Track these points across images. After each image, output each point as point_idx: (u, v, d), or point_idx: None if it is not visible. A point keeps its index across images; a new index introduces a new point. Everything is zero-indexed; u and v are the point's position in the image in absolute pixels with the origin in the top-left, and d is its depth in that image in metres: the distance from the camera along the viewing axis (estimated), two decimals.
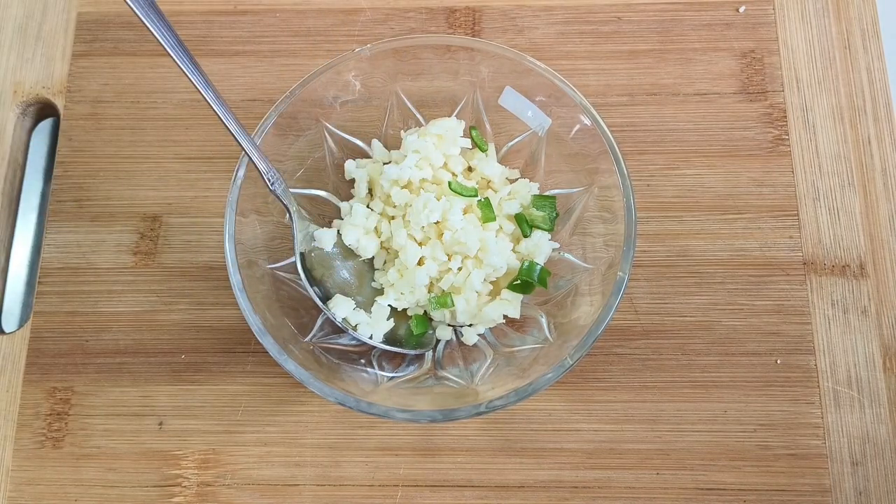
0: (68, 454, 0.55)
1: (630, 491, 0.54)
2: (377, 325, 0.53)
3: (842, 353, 0.56)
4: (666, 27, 0.64)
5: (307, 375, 0.47)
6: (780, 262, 0.58)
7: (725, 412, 0.55)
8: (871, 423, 0.55)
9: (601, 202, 0.53)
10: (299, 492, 0.54)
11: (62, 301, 0.59)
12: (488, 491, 0.54)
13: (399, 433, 0.55)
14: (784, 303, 0.57)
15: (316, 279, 0.53)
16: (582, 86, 0.60)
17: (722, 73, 0.63)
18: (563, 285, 0.54)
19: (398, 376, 0.53)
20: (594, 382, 0.56)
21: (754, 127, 0.61)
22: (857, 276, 0.58)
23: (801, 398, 0.55)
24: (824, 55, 0.63)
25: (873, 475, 0.54)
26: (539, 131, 0.56)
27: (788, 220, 0.59)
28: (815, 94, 0.62)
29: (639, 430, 0.55)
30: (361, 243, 0.54)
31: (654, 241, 0.59)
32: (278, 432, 0.55)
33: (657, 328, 0.57)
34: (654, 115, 0.62)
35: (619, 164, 0.51)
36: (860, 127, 0.61)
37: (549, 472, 0.54)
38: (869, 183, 0.60)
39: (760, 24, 0.64)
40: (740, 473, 0.54)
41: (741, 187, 0.60)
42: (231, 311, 0.58)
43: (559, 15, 0.65)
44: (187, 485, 0.55)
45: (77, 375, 0.57)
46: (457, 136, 0.55)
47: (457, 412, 0.47)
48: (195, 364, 0.57)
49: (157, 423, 0.56)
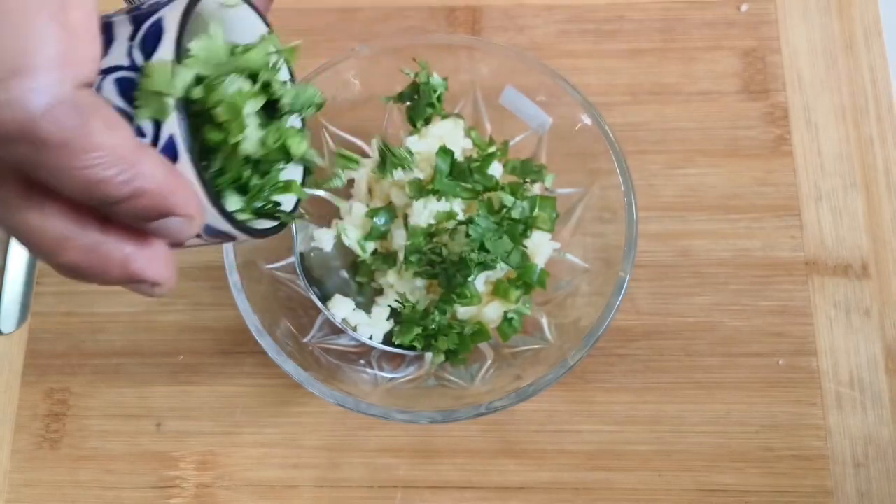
0: (66, 456, 0.55)
1: (632, 492, 0.53)
2: (377, 326, 0.52)
3: (844, 354, 0.56)
4: (668, 26, 0.64)
5: (306, 376, 0.46)
6: (783, 262, 0.58)
7: (728, 413, 0.55)
8: (874, 424, 0.54)
9: (602, 202, 0.53)
10: (298, 493, 0.54)
11: (60, 302, 0.59)
12: (488, 492, 0.54)
13: (399, 434, 0.55)
14: (787, 303, 0.57)
15: (315, 279, 0.53)
16: (583, 85, 0.59)
17: (724, 72, 0.62)
18: (564, 286, 0.54)
19: (398, 377, 0.53)
20: (595, 383, 0.56)
21: (756, 126, 0.61)
22: (859, 276, 0.57)
23: (804, 399, 0.55)
24: (826, 54, 0.63)
25: (875, 477, 0.53)
26: (540, 131, 0.55)
27: (791, 220, 0.59)
28: (817, 93, 0.62)
29: (640, 431, 0.55)
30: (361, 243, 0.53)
31: (655, 241, 0.59)
32: (277, 433, 0.55)
33: (659, 329, 0.57)
34: (656, 114, 0.62)
35: (621, 163, 0.50)
36: (863, 126, 0.61)
37: (549, 473, 0.54)
38: (871, 183, 0.60)
39: (762, 22, 0.64)
40: (742, 475, 0.53)
41: (743, 187, 0.60)
42: (230, 311, 0.57)
43: (560, 14, 0.65)
44: (185, 486, 0.54)
45: (74, 377, 0.57)
46: (457, 137, 0.54)
47: (457, 413, 0.46)
48: (193, 365, 0.57)
49: (155, 425, 0.56)
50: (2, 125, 0.24)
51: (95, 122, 0.26)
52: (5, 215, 0.27)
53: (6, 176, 0.27)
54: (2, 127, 0.24)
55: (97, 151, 0.25)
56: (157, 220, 0.28)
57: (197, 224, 0.29)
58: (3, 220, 0.28)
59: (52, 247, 0.28)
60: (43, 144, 0.25)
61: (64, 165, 0.25)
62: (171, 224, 0.28)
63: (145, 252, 0.29)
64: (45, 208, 0.27)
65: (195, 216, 0.29)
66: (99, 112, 0.26)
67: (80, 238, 0.28)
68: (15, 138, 0.25)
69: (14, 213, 0.27)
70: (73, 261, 0.28)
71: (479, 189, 0.51)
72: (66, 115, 0.25)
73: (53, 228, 0.27)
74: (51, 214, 0.27)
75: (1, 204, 0.27)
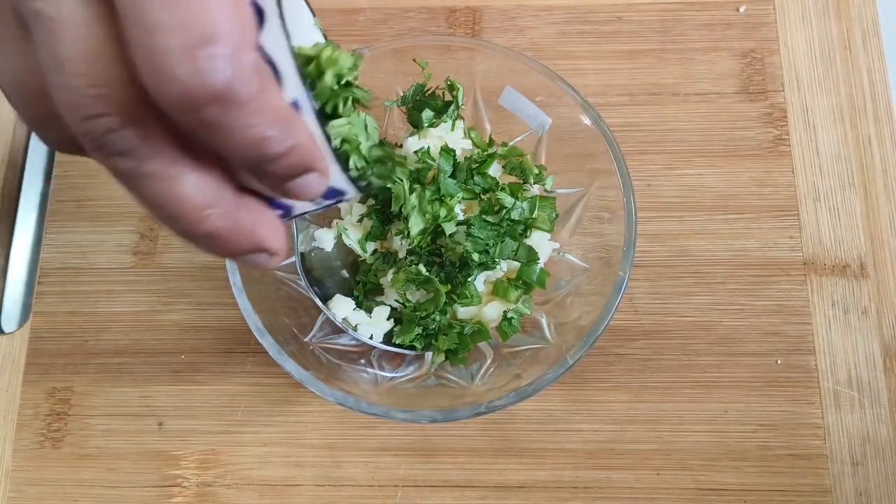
0: (68, 454, 0.55)
1: (630, 491, 0.54)
2: (377, 326, 0.52)
3: (842, 353, 0.56)
4: (666, 27, 0.64)
5: (307, 375, 0.47)
6: (781, 262, 0.58)
7: (726, 412, 0.55)
8: (872, 423, 0.55)
9: (601, 202, 0.53)
10: (299, 492, 0.54)
11: (62, 301, 0.59)
12: (488, 491, 0.54)
13: (399, 433, 0.55)
14: (784, 303, 0.57)
15: (316, 279, 0.53)
16: (582, 85, 0.59)
17: (722, 73, 0.63)
18: (564, 285, 0.54)
19: (398, 376, 0.53)
20: (594, 382, 0.56)
21: (755, 127, 0.61)
22: (857, 276, 0.58)
23: (802, 398, 0.55)
24: (825, 55, 0.63)
25: (874, 475, 0.54)
26: (539, 131, 0.55)
27: (789, 220, 0.59)
28: (815, 93, 0.62)
29: (639, 430, 0.55)
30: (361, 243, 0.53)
31: (654, 240, 0.59)
32: (278, 432, 0.55)
33: (657, 328, 0.57)
34: (655, 114, 0.62)
35: (620, 163, 0.51)
36: (861, 127, 0.61)
37: (549, 472, 0.54)
38: (869, 183, 0.60)
39: (761, 23, 0.64)
40: (741, 474, 0.54)
41: (742, 187, 0.60)
42: (231, 311, 0.58)
43: (559, 15, 0.65)
44: (187, 485, 0.55)
45: (77, 375, 0.57)
46: (457, 137, 0.54)
47: (457, 412, 0.46)
48: (195, 364, 0.57)
49: (157, 424, 0.56)
50: (199, 89, 0.25)
51: (269, 83, 0.27)
52: (153, 187, 0.28)
53: (163, 147, 0.28)
54: (199, 91, 0.25)
55: (270, 111, 0.27)
56: (299, 177, 0.29)
57: (328, 179, 0.31)
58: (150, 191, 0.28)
59: (196, 214, 0.28)
60: (235, 105, 0.26)
61: (243, 124, 0.26)
62: (310, 180, 0.29)
63: (267, 220, 0.31)
64: (192, 176, 0.28)
65: (327, 172, 0.30)
66: (267, 72, 0.28)
67: (221, 205, 0.29)
68: (208, 102, 0.26)
69: (163, 183, 0.28)
70: (212, 228, 0.29)
71: (477, 190, 0.52)
72: (251, 76, 0.26)
73: (200, 195, 0.28)
74: (198, 182, 0.28)
75: (153, 176, 0.28)
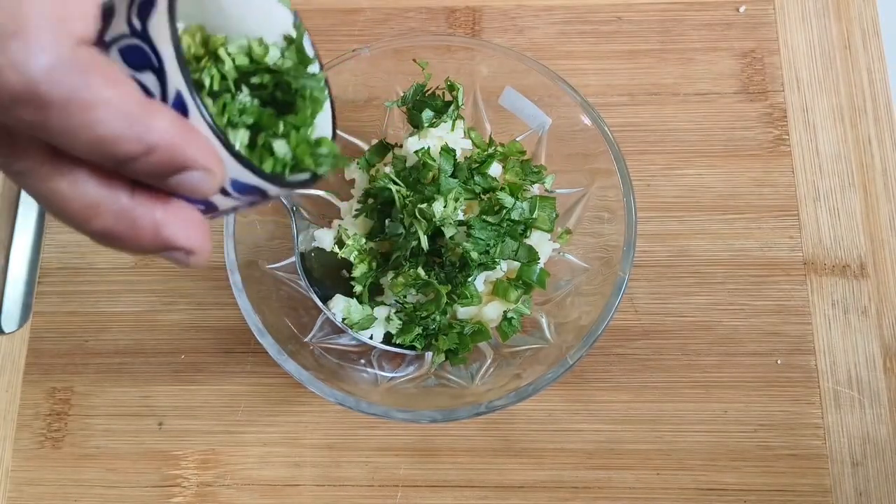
0: (68, 454, 0.55)
1: (630, 491, 0.54)
2: (377, 326, 0.52)
3: (842, 353, 0.56)
4: (666, 27, 0.64)
5: (307, 375, 0.47)
6: (781, 262, 0.58)
7: (726, 412, 0.55)
8: (872, 423, 0.55)
9: (601, 202, 0.53)
10: (299, 492, 0.54)
11: (62, 301, 0.59)
12: (488, 491, 0.54)
13: (399, 433, 0.55)
14: (784, 303, 0.57)
15: (316, 279, 0.53)
16: (582, 86, 0.59)
17: (722, 73, 0.63)
18: (564, 285, 0.54)
19: (398, 376, 0.53)
20: (594, 382, 0.56)
21: (755, 127, 0.61)
22: (857, 276, 0.58)
23: (802, 398, 0.55)
24: (825, 55, 0.63)
25: (874, 475, 0.54)
26: (539, 131, 0.55)
27: (789, 220, 0.59)
28: (815, 93, 0.62)
29: (639, 430, 0.55)
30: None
31: (654, 241, 0.59)
32: (278, 432, 0.55)
33: (657, 328, 0.57)
34: (655, 114, 0.62)
35: (620, 163, 0.51)
36: (860, 127, 0.61)
37: (549, 472, 0.54)
38: (869, 183, 0.60)
39: (761, 23, 0.64)
40: (741, 474, 0.54)
41: (741, 187, 0.60)
42: (231, 311, 0.58)
43: (559, 15, 0.65)
44: (187, 485, 0.55)
45: (77, 375, 0.57)
46: (457, 138, 0.54)
47: (457, 412, 0.47)
48: (195, 364, 0.57)
49: (157, 424, 0.56)
50: (4, 89, 0.24)
51: (95, 78, 0.25)
52: (34, 185, 0.27)
53: (30, 145, 0.26)
54: (4, 90, 0.24)
55: (101, 108, 0.25)
56: (175, 176, 0.27)
57: (218, 177, 0.29)
58: (32, 189, 0.27)
59: (83, 214, 0.27)
60: (46, 105, 0.24)
61: (70, 125, 0.25)
62: (191, 178, 0.28)
63: (177, 218, 0.29)
64: (71, 175, 0.27)
65: (213, 168, 0.28)
66: (99, 68, 0.26)
67: (110, 204, 0.28)
68: (18, 101, 0.24)
69: (42, 181, 0.27)
70: (104, 227, 0.28)
71: (477, 190, 0.51)
72: (66, 73, 0.24)
73: (82, 195, 0.27)
74: (78, 181, 0.27)
75: (29, 174, 0.27)
